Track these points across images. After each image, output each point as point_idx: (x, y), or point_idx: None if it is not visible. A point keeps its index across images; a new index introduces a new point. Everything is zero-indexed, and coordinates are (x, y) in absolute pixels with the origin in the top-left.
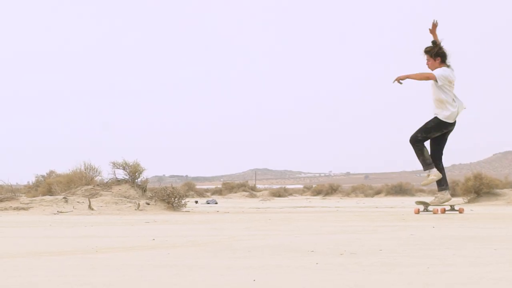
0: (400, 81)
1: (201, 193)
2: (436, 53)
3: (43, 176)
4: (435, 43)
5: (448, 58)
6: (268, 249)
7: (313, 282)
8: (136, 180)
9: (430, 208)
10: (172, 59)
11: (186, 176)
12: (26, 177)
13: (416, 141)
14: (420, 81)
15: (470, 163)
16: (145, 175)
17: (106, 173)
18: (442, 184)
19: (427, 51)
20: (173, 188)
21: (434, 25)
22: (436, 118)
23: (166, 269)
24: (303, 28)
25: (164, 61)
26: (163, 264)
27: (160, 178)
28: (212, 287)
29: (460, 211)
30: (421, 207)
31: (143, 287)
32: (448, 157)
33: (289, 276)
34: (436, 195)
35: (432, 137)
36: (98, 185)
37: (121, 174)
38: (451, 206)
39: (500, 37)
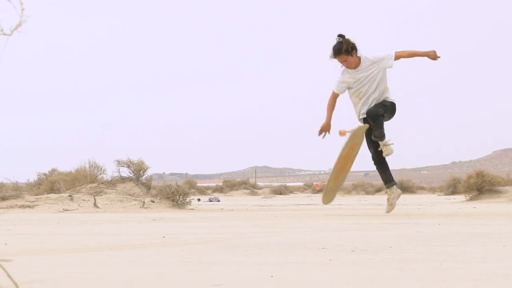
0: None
1: (202, 191)
2: (352, 47)
3: (45, 174)
4: (343, 36)
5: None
6: (280, 246)
7: (329, 278)
8: (141, 178)
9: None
10: (171, 58)
11: (186, 173)
12: (25, 175)
13: (379, 115)
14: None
15: (470, 160)
16: (149, 173)
17: (110, 171)
18: (390, 180)
19: (344, 51)
20: (177, 186)
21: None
22: (393, 101)
23: (183, 265)
24: (303, 26)
25: (163, 60)
26: (179, 260)
27: (160, 176)
28: (232, 282)
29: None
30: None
31: (164, 283)
32: (448, 155)
33: (305, 272)
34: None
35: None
36: (102, 183)
37: (125, 172)
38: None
39: (500, 36)
